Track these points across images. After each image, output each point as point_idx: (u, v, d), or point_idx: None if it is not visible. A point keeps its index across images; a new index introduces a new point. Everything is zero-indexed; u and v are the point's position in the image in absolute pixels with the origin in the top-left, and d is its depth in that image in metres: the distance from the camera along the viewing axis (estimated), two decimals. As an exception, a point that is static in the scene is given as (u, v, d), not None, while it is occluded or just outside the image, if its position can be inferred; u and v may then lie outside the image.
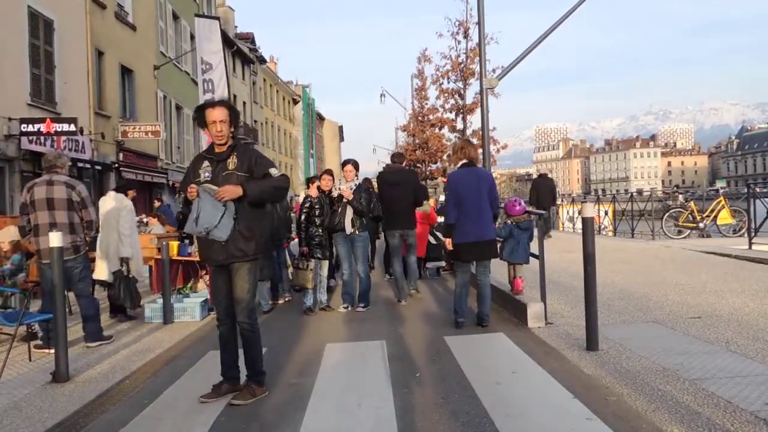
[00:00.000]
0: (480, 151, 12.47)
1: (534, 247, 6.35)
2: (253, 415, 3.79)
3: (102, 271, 6.89)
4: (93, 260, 6.66)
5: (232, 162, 4.01)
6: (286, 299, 8.30)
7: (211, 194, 3.85)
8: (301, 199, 7.98)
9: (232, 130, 4.10)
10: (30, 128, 13.47)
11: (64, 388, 4.42)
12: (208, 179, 4.02)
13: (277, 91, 49.16)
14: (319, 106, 64.41)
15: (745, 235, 12.15)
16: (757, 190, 13.45)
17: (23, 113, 13.76)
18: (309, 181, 8.20)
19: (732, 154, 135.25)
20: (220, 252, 3.95)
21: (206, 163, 4.09)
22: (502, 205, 7.23)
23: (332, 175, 7.71)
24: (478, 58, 12.46)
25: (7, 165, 13.61)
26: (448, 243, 6.06)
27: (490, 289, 6.17)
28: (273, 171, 4.07)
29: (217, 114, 3.98)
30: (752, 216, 11.56)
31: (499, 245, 6.34)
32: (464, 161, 6.00)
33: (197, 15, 19.22)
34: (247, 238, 3.97)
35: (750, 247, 10.63)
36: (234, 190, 3.86)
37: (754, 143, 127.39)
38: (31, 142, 13.81)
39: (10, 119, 13.36)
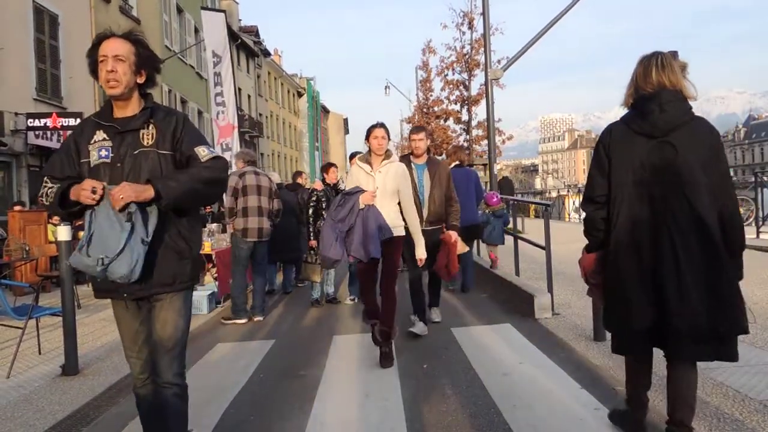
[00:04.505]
0: (485, 142, 12.45)
1: (537, 234, 6.38)
2: (262, 407, 3.80)
3: None
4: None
5: (148, 134, 2.46)
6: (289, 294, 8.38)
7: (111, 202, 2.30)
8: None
9: (141, 80, 2.48)
10: (36, 123, 13.51)
11: (74, 381, 4.44)
12: (106, 160, 2.44)
13: (282, 84, 49.06)
14: (323, 98, 64.37)
15: (753, 224, 12.09)
16: (765, 179, 13.38)
17: (29, 108, 13.80)
18: (323, 170, 8.03)
19: (739, 143, 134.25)
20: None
21: (101, 135, 2.47)
22: (484, 195, 8.49)
23: (337, 167, 7.75)
24: (482, 49, 12.42)
25: (14, 160, 13.67)
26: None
27: (473, 264, 7.63)
28: (201, 151, 2.47)
29: (111, 46, 2.40)
30: (759, 205, 11.50)
31: None
32: (456, 163, 7.36)
33: (203, 8, 19.24)
34: (181, 255, 2.49)
35: (757, 236, 10.58)
36: (138, 190, 2.29)
37: (762, 132, 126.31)
38: (37, 136, 13.85)
39: (16, 114, 13.41)
